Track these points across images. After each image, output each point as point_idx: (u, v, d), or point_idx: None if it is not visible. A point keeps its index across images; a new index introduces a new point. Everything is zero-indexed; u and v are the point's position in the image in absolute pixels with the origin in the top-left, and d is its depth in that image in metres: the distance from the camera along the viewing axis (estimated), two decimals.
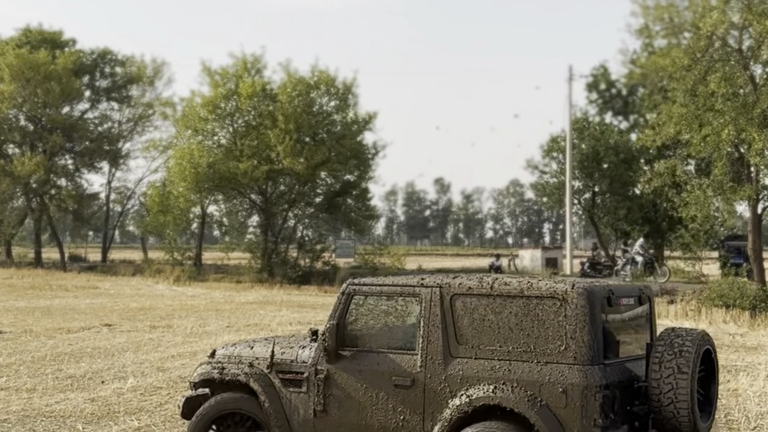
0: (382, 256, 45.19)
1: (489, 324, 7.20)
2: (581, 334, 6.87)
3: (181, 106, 47.42)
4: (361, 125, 44.48)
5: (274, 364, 8.03)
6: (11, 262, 55.98)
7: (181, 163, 42.74)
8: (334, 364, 7.70)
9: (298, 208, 46.00)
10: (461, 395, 7.09)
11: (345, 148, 42.71)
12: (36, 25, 57.52)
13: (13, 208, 55.38)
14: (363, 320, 7.98)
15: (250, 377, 8.04)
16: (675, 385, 6.95)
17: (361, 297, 7.89)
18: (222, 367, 8.24)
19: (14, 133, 54.61)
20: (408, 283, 7.75)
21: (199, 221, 52.23)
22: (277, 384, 7.97)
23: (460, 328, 7.29)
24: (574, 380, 6.78)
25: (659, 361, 7.05)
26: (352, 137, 43.61)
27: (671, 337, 7.19)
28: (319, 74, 43.41)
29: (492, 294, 7.24)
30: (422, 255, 77.85)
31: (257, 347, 8.33)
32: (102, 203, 62.35)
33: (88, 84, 57.38)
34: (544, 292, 7.09)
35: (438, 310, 7.38)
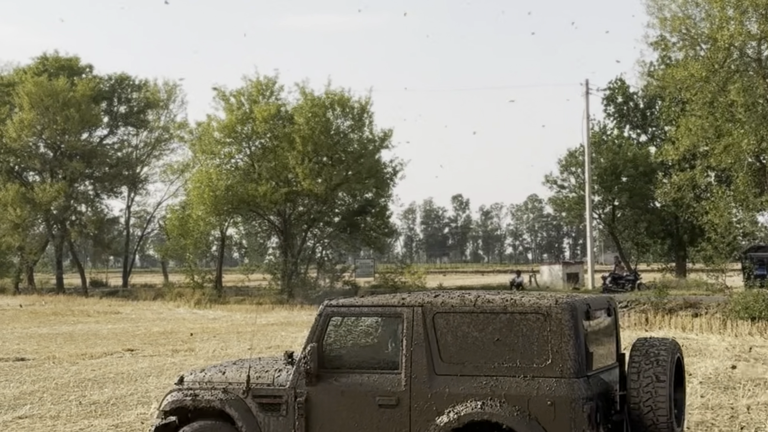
0: (402, 275, 45.04)
1: (473, 341, 7.28)
2: (567, 348, 7.02)
3: (196, 130, 47.65)
4: (378, 143, 44.48)
5: (250, 388, 7.82)
6: (33, 288, 56.22)
7: (200, 186, 42.91)
8: (314, 387, 7.59)
9: (317, 228, 46.07)
10: (448, 412, 7.12)
11: (363, 167, 42.72)
12: (52, 53, 58.00)
13: (34, 235, 55.61)
14: (342, 341, 7.88)
15: (225, 403, 7.82)
16: (654, 393, 7.17)
17: (339, 318, 7.82)
18: (195, 394, 7.98)
19: (34, 160, 54.97)
20: (388, 302, 7.75)
21: (218, 244, 52.32)
22: (254, 409, 7.77)
23: (443, 346, 7.33)
24: (562, 393, 6.92)
25: (637, 370, 7.27)
26: (370, 156, 43.61)
27: (646, 347, 7.43)
28: (334, 95, 43.49)
29: (475, 311, 7.33)
30: (442, 273, 77.58)
31: (229, 372, 8.12)
32: (122, 228, 62.58)
33: (106, 110, 57.77)
34: (528, 308, 7.23)
35: (421, 329, 7.40)
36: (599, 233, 55.00)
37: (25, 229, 52.57)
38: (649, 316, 27.54)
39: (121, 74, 59.51)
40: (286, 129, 42.57)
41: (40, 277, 61.82)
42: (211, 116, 45.12)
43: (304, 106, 42.95)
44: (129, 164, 58.75)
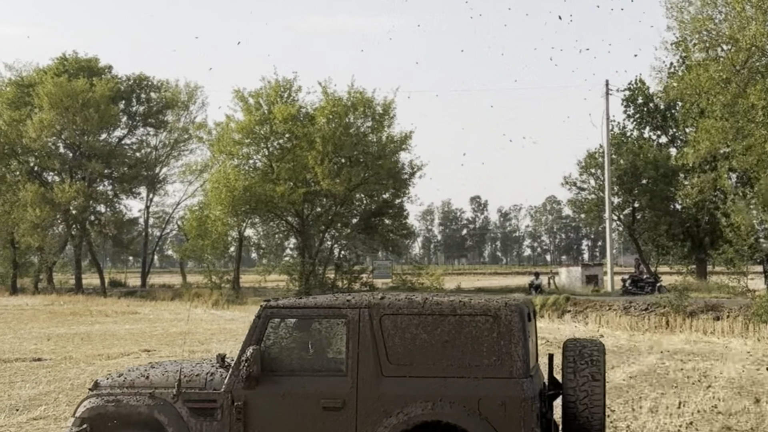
0: (420, 276, 44.92)
1: (421, 343, 7.25)
2: (516, 349, 7.14)
3: (215, 130, 47.73)
4: (397, 145, 44.35)
5: (181, 392, 7.47)
6: (52, 288, 56.51)
7: (218, 187, 42.95)
8: (252, 390, 7.35)
9: (334, 229, 45.98)
10: (397, 413, 7.09)
11: (381, 168, 42.61)
12: (71, 54, 58.27)
13: (53, 235, 55.83)
14: (283, 343, 7.66)
15: (153, 408, 7.44)
16: (590, 392, 7.44)
17: (279, 320, 7.64)
18: (117, 400, 7.55)
19: (54, 160, 55.19)
20: (333, 304, 7.62)
21: (236, 244, 52.37)
22: (185, 414, 7.43)
23: (391, 348, 7.28)
24: (512, 393, 7.03)
25: (573, 370, 7.50)
26: (389, 157, 43.50)
27: (579, 348, 7.65)
28: (356, 95, 43.41)
29: (423, 313, 7.31)
30: (460, 274, 77.40)
31: (154, 375, 7.75)
32: (141, 228, 62.80)
33: (124, 110, 57.98)
34: (477, 310, 7.29)
35: (368, 331, 7.31)
36: (618, 235, 54.56)
37: (44, 229, 52.76)
38: (669, 319, 27.26)
39: (139, 75, 59.82)
40: (305, 129, 42.54)
41: (60, 277, 62.11)
42: (229, 117, 45.22)
43: (326, 106, 42.90)
44: (148, 165, 58.99)
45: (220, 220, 45.49)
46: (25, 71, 57.49)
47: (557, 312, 31.71)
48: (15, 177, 54.64)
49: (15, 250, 57.99)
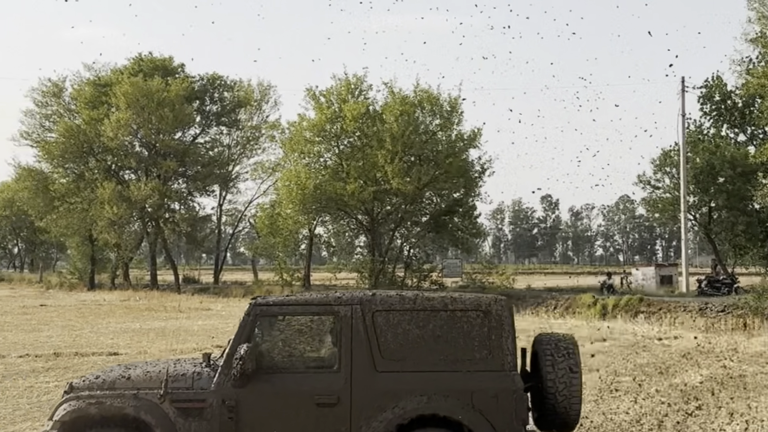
0: (490, 275, 44.64)
1: (414, 338, 7.40)
2: (506, 343, 7.41)
3: (288, 129, 48.14)
4: (467, 143, 44.13)
5: (168, 393, 7.37)
6: (129, 284, 57.70)
7: (289, 185, 43.31)
8: (243, 389, 7.32)
9: (404, 227, 45.97)
10: (393, 408, 7.21)
11: (451, 166, 42.44)
12: (147, 54, 59.44)
13: (130, 232, 56.96)
14: (273, 341, 7.60)
15: (139, 409, 7.30)
16: (569, 383, 7.69)
17: (269, 317, 7.61)
18: (100, 401, 7.37)
19: (130, 159, 56.32)
20: (323, 300, 7.67)
21: (307, 242, 52.76)
22: (172, 414, 7.32)
23: (384, 344, 7.38)
24: (504, 385, 7.28)
25: (552, 362, 7.75)
26: (458, 155, 43.31)
27: (554, 341, 7.94)
28: (423, 93, 43.34)
29: (415, 309, 7.47)
30: (530, 274, 76.76)
31: (135, 376, 7.61)
32: (214, 226, 63.70)
33: (198, 109, 58.86)
34: (468, 306, 7.53)
35: (360, 327, 7.40)
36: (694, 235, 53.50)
37: (121, 226, 53.86)
38: (747, 322, 26.56)
39: (213, 74, 60.66)
40: (375, 128, 42.62)
41: (135, 274, 63.37)
42: (301, 115, 45.58)
43: (393, 105, 42.93)
44: (221, 163, 59.74)
45: (292, 218, 45.86)
46: (102, 72, 58.84)
47: (630, 313, 31.19)
48: (93, 175, 55.91)
49: (93, 247, 59.42)
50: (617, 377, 15.40)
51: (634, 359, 18.04)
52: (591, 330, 25.59)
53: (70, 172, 57.60)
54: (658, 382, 14.80)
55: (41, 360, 18.71)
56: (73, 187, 56.35)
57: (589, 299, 34.44)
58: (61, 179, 57.53)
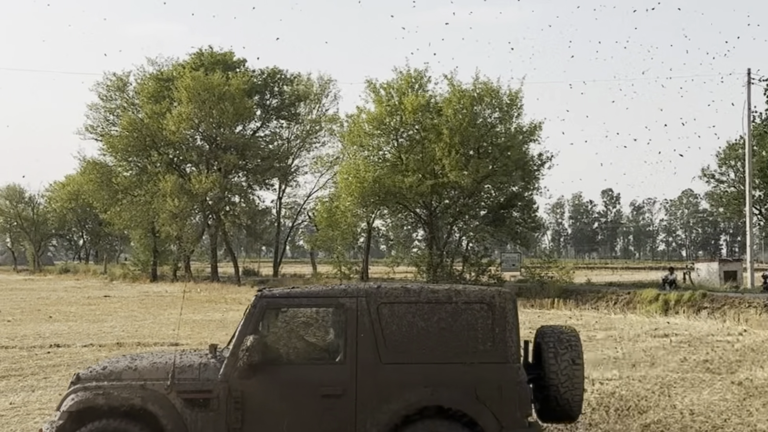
0: (549, 270, 44.24)
1: (418, 330, 7.45)
2: (510, 335, 7.48)
3: (347, 122, 48.26)
4: (526, 136, 43.77)
5: (174, 383, 7.39)
6: (190, 276, 58.48)
7: (347, 178, 43.43)
8: (248, 380, 7.34)
9: (462, 221, 45.77)
10: (398, 399, 7.27)
11: (510, 159, 42.13)
12: (207, 48, 60.07)
13: (191, 225, 57.69)
14: (279, 332, 7.63)
15: (147, 400, 7.33)
16: (571, 375, 7.78)
17: (275, 309, 7.66)
18: (107, 392, 7.39)
19: (192, 152, 57.06)
20: (329, 293, 7.74)
21: (365, 235, 52.88)
22: (179, 405, 7.35)
23: (389, 336, 7.43)
24: (507, 377, 7.38)
25: (554, 354, 7.83)
26: (517, 148, 42.97)
27: (556, 334, 8.02)
28: (483, 86, 43.07)
29: (420, 301, 7.53)
30: (590, 268, 75.89)
31: (142, 367, 7.63)
32: (273, 219, 64.19)
33: (258, 103, 59.34)
34: (472, 298, 7.60)
35: (366, 319, 7.44)
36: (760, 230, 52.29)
37: (182, 219, 54.58)
38: None
39: (273, 68, 61.08)
40: (434, 121, 42.50)
41: (196, 266, 64.19)
42: (361, 108, 45.64)
43: (452, 98, 42.75)
44: (280, 156, 60.15)
45: (350, 211, 46.00)
46: (165, 67, 59.66)
47: (693, 308, 30.67)
48: (155, 168, 56.76)
49: (155, 239, 60.38)
50: (680, 373, 15.15)
51: (697, 355, 17.74)
52: (652, 325, 25.23)
53: (133, 166, 58.61)
54: (722, 378, 14.53)
55: (105, 349, 19.07)
56: (136, 180, 57.34)
57: (650, 294, 33.96)
58: (125, 172, 58.56)
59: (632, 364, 16.32)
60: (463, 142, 41.59)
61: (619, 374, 14.91)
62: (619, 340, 21.09)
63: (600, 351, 18.67)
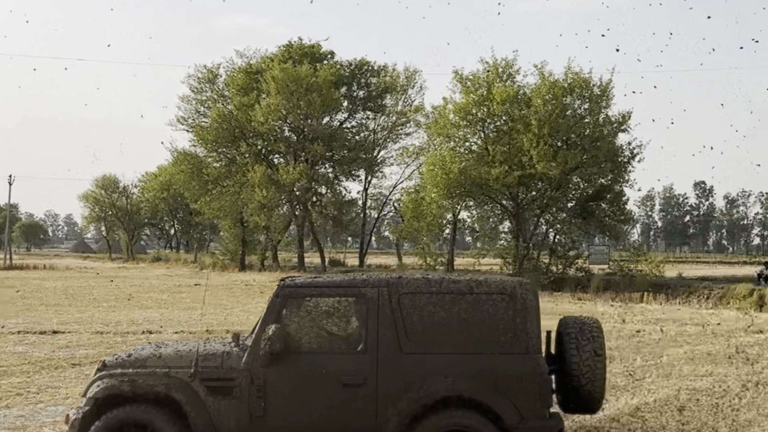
0: (638, 263, 43.40)
1: (439, 320, 7.44)
2: (531, 326, 7.43)
3: (433, 113, 48.13)
4: (616, 127, 42.96)
5: (198, 372, 7.45)
6: (277, 265, 59.27)
7: (433, 169, 43.33)
8: (270, 369, 7.37)
9: (549, 213, 45.25)
10: (418, 389, 7.26)
11: (599, 151, 41.43)
12: (296, 41, 60.65)
13: (279, 215, 58.42)
14: (300, 322, 7.62)
15: (171, 388, 7.42)
16: (593, 366, 7.74)
17: (297, 299, 7.66)
18: (133, 379, 7.49)
19: (279, 143, 57.76)
20: (350, 283, 7.76)
21: (451, 227, 52.72)
22: (202, 393, 7.43)
23: (410, 326, 7.43)
24: (529, 368, 7.33)
25: (576, 346, 7.80)
26: (607, 139, 42.21)
27: (579, 325, 7.98)
28: (574, 77, 42.42)
29: (441, 291, 7.52)
30: (681, 262, 74.12)
31: (167, 354, 7.71)
32: (359, 210, 64.53)
33: (346, 94, 59.68)
34: (493, 289, 7.57)
35: (387, 309, 7.46)
36: None
37: (270, 209, 55.31)
38: None
39: (360, 60, 61.32)
40: (522, 111, 42.06)
41: (284, 256, 65.00)
42: (447, 99, 45.45)
43: (542, 88, 42.23)
44: (366, 148, 60.38)
45: (436, 203, 45.91)
46: (254, 59, 60.49)
47: None
48: (244, 159, 57.66)
49: (244, 229, 61.38)
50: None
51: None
52: (746, 321, 24.54)
53: (222, 156, 59.67)
54: None
55: (195, 337, 19.45)
56: (225, 170, 58.38)
57: (745, 289, 33.04)
58: (215, 163, 59.66)
59: (728, 360, 15.92)
60: (551, 133, 41.08)
61: (712, 370, 14.55)
62: (712, 336, 20.58)
63: (692, 346, 18.25)
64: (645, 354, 17.07)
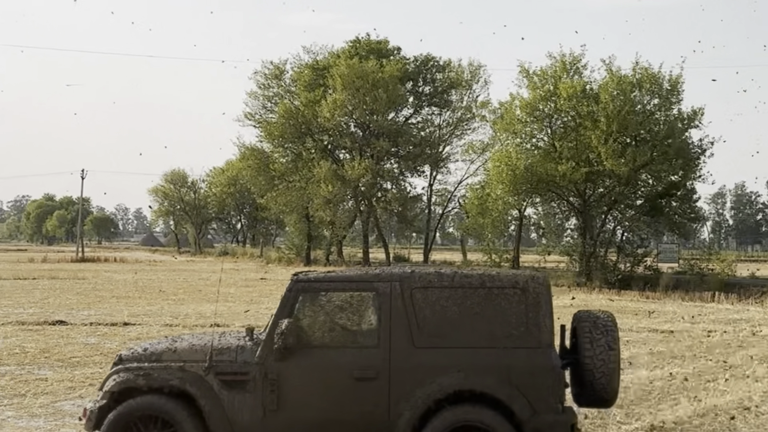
0: (709, 262, 42.53)
1: (451, 314, 7.47)
2: (543, 320, 7.44)
3: (500, 109, 47.78)
4: (686, 123, 42.10)
5: (212, 365, 7.54)
6: (342, 261, 59.58)
7: (499, 165, 43.02)
8: (284, 362, 7.43)
9: (617, 210, 44.59)
10: (430, 383, 7.29)
11: (669, 147, 40.67)
12: (364, 36, 60.83)
13: (344, 210, 58.69)
14: (313, 316, 7.69)
15: (185, 381, 7.52)
16: (607, 360, 7.71)
17: (310, 293, 7.71)
18: (147, 373, 7.59)
19: (345, 139, 57.99)
20: (363, 277, 7.88)
21: (516, 224, 52.34)
22: (216, 386, 7.51)
23: (422, 320, 7.46)
24: (541, 362, 7.34)
25: (590, 339, 7.75)
26: (677, 136, 41.42)
27: (592, 319, 7.91)
28: (642, 71, 41.69)
29: (453, 286, 7.54)
30: (753, 261, 72.40)
31: (181, 348, 7.79)
32: (424, 205, 64.46)
33: (411, 90, 59.62)
34: (506, 283, 7.58)
35: (399, 303, 7.50)
36: None
37: (335, 204, 55.59)
38: None
39: (426, 55, 61.21)
40: (590, 107, 41.50)
41: (348, 251, 65.32)
42: (514, 95, 45.08)
43: (610, 84, 41.60)
44: (432, 143, 60.25)
45: (501, 199, 45.59)
46: (320, 55, 60.84)
47: None
48: (310, 154, 58.06)
49: (309, 224, 61.83)
50: None
51: None
52: None
53: (289, 152, 60.17)
54: None
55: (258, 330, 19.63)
56: (291, 166, 58.86)
57: None
58: (281, 158, 60.21)
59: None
60: (620, 130, 40.45)
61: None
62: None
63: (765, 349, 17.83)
64: (716, 355, 16.73)
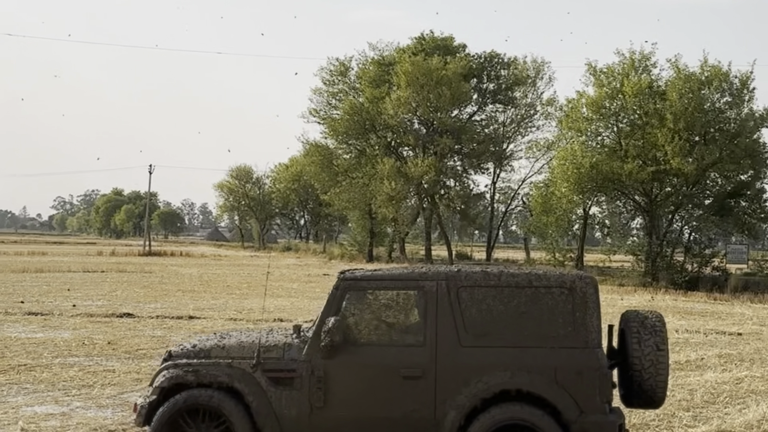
0: None
1: (498, 314, 7.48)
2: (591, 320, 7.40)
3: (565, 107, 47.33)
4: (758, 122, 41.18)
5: (260, 362, 7.60)
6: (404, 258, 59.64)
7: (564, 163, 42.64)
8: (331, 360, 7.48)
9: (685, 210, 43.84)
10: (476, 382, 7.30)
11: (739, 147, 39.84)
12: (428, 33, 60.75)
13: (406, 207, 58.78)
14: (360, 314, 7.70)
15: (233, 378, 7.61)
16: (655, 361, 7.60)
17: (356, 291, 7.74)
18: (196, 370, 7.70)
19: (408, 136, 58.01)
20: (409, 276, 7.84)
21: (581, 222, 51.79)
22: (264, 383, 7.58)
23: (468, 319, 7.48)
24: (588, 362, 7.30)
25: (638, 339, 7.65)
26: (748, 135, 40.53)
27: (641, 318, 7.80)
28: (711, 69, 40.90)
29: (500, 285, 7.54)
30: None
31: (230, 345, 7.86)
32: (487, 203, 64.19)
33: (475, 87, 59.39)
34: (553, 282, 7.54)
35: (446, 302, 7.51)
36: None
37: (398, 201, 55.66)
38: None
39: (490, 52, 60.93)
40: (657, 105, 40.86)
41: (411, 248, 65.33)
42: (580, 92, 44.62)
43: (677, 82, 40.90)
44: (495, 141, 59.96)
45: (566, 197, 45.15)
46: (386, 52, 60.95)
47: None
48: (374, 151, 58.23)
49: (372, 221, 62.01)
50: None
51: None
52: None
53: (352, 148, 60.45)
54: None
55: None
56: (355, 162, 59.12)
57: None
58: (345, 155, 60.51)
59: None
60: (688, 128, 39.74)
61: None
62: None
63: None
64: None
